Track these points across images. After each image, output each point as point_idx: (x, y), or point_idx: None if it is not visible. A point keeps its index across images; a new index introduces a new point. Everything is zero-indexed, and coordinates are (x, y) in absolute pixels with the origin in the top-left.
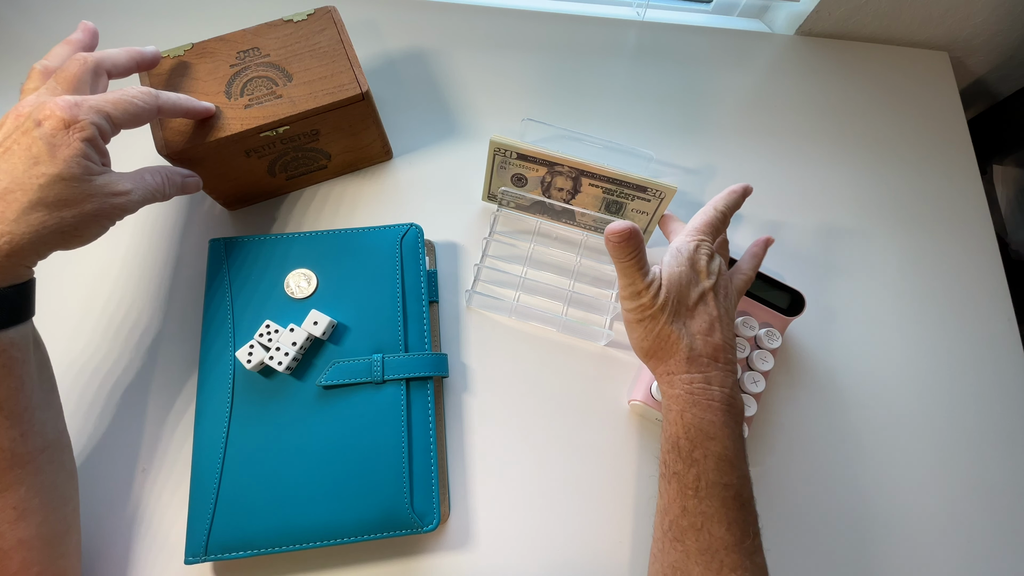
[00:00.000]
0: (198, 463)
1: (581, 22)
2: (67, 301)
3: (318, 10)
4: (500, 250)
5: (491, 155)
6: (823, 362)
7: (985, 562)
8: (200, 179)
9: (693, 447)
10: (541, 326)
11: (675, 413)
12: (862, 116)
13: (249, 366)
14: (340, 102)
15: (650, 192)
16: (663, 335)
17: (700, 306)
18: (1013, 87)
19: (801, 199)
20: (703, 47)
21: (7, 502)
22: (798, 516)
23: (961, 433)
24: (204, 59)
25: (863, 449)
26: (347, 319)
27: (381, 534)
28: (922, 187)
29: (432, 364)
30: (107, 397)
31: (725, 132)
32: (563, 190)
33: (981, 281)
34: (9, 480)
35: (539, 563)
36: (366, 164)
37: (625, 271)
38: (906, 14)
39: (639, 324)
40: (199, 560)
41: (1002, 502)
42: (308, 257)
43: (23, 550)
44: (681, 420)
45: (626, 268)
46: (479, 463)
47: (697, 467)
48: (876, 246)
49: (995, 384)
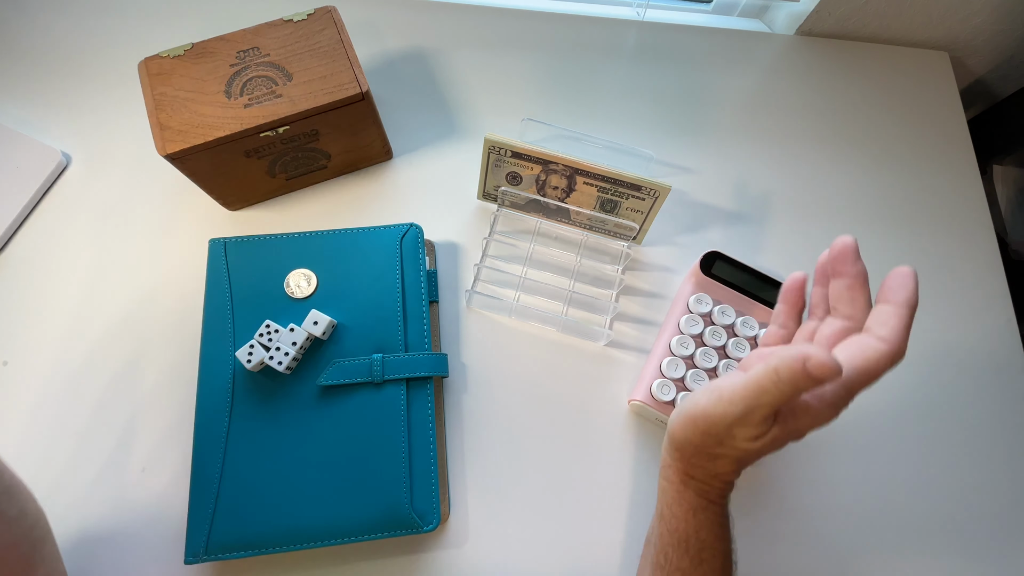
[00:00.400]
0: (198, 463)
1: (581, 22)
2: (68, 301)
3: (318, 10)
4: (500, 250)
5: (486, 153)
6: None
7: (985, 562)
8: None
9: (702, 548)
10: (541, 326)
11: (687, 508)
12: (862, 116)
13: (249, 366)
14: (340, 102)
15: (644, 191)
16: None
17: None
18: (1013, 87)
19: (801, 199)
20: (703, 47)
21: None
22: (798, 516)
23: (961, 433)
24: (204, 59)
25: (863, 449)
26: (347, 319)
27: (381, 534)
28: (922, 187)
29: (432, 364)
30: (107, 397)
31: (725, 132)
32: (558, 188)
33: (981, 281)
34: None
35: (539, 562)
36: (366, 164)
37: (762, 397)
38: (906, 14)
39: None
40: (199, 560)
41: (1002, 502)
42: (308, 257)
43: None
44: (694, 519)
45: (769, 399)
46: (479, 463)
47: (704, 566)
48: (876, 245)
49: (995, 384)
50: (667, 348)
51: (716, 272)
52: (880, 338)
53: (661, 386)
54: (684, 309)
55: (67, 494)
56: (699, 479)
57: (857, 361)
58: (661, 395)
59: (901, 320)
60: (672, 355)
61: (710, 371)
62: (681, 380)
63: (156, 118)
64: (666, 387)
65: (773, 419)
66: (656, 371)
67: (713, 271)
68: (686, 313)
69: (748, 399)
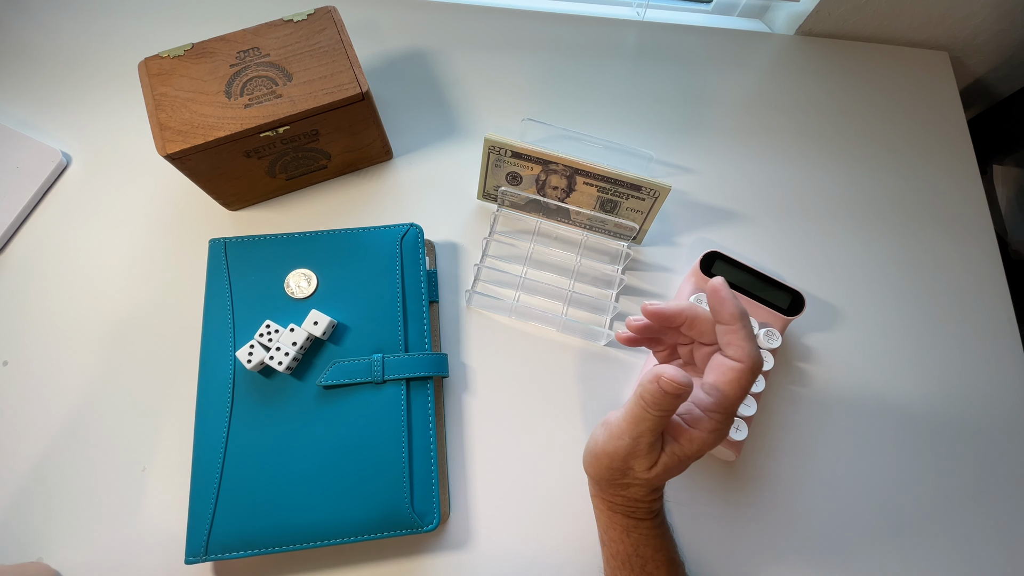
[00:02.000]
0: (198, 463)
1: (581, 22)
2: (68, 301)
3: (318, 10)
4: (500, 250)
5: (486, 153)
6: (823, 362)
7: (985, 562)
8: None
9: (645, 562)
10: (541, 326)
11: (620, 530)
12: (862, 116)
13: (249, 366)
14: (340, 102)
15: (644, 191)
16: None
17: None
18: (1013, 87)
19: (801, 199)
20: (703, 47)
21: None
22: (797, 516)
23: (961, 433)
24: (204, 59)
25: (863, 448)
26: (347, 319)
27: (381, 534)
28: (922, 187)
29: (432, 364)
30: (107, 397)
31: (725, 132)
32: (558, 188)
33: (981, 281)
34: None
35: (539, 563)
36: (366, 164)
37: (640, 425)
38: (906, 14)
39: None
40: (199, 560)
41: (1002, 502)
42: (308, 257)
43: None
44: (628, 538)
45: (647, 425)
46: (479, 463)
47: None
48: (876, 246)
49: (995, 384)
50: None
51: (716, 272)
52: (732, 358)
53: None
54: None
55: (67, 494)
56: (622, 505)
57: (721, 384)
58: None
59: (737, 334)
60: None
61: None
62: None
63: (156, 118)
64: None
65: (660, 446)
66: None
67: (713, 271)
68: None
69: (629, 430)
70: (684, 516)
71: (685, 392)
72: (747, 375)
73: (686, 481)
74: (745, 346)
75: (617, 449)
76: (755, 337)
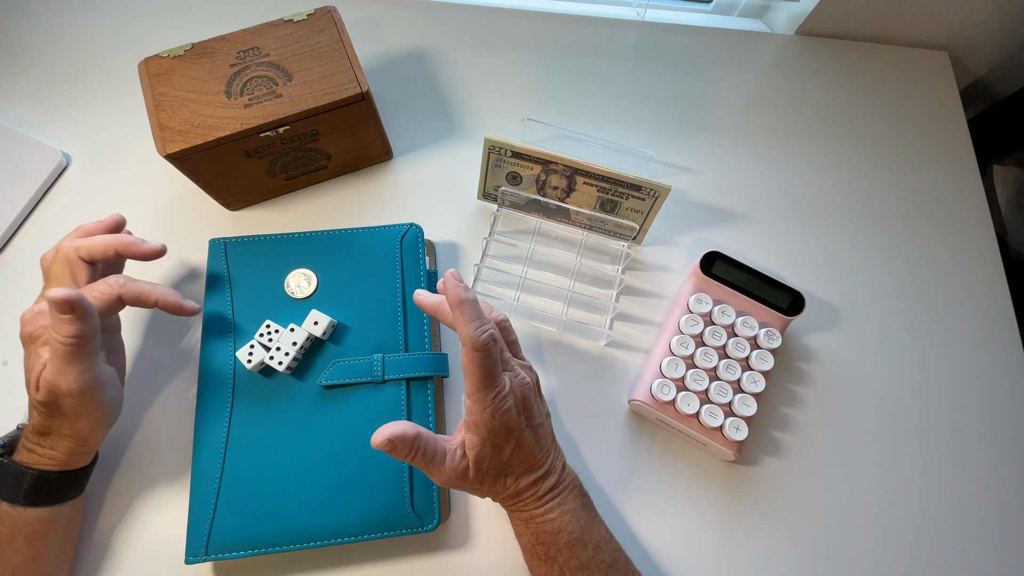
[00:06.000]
0: (198, 463)
1: (581, 22)
2: None
3: (318, 10)
4: (500, 250)
5: (486, 153)
6: (823, 362)
7: (985, 561)
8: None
9: (547, 548)
10: (541, 326)
11: (521, 524)
12: (862, 116)
13: (249, 366)
14: (340, 102)
15: (644, 191)
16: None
17: (512, 450)
18: (1013, 87)
19: (801, 199)
20: (703, 47)
21: None
22: (797, 516)
23: (961, 433)
24: (204, 59)
25: (863, 448)
26: (347, 319)
27: (381, 534)
28: (922, 187)
29: (432, 364)
30: None
31: (725, 132)
32: (558, 188)
33: (981, 281)
34: None
35: None
36: (366, 164)
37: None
38: (906, 14)
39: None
40: (199, 560)
41: (1002, 502)
42: (308, 257)
43: None
44: (527, 529)
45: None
46: None
47: (558, 563)
48: (876, 246)
49: (995, 384)
50: (667, 348)
51: (716, 272)
52: (461, 342)
53: (661, 386)
54: (684, 309)
55: None
56: (511, 503)
57: (463, 366)
58: (661, 395)
59: (458, 320)
60: (672, 355)
61: (710, 371)
62: (681, 380)
63: (156, 118)
64: (666, 387)
65: (463, 451)
66: (656, 371)
67: (713, 271)
68: (686, 313)
69: (439, 473)
70: (684, 516)
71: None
72: (471, 354)
73: (686, 481)
74: (463, 329)
75: (451, 476)
76: (480, 318)
